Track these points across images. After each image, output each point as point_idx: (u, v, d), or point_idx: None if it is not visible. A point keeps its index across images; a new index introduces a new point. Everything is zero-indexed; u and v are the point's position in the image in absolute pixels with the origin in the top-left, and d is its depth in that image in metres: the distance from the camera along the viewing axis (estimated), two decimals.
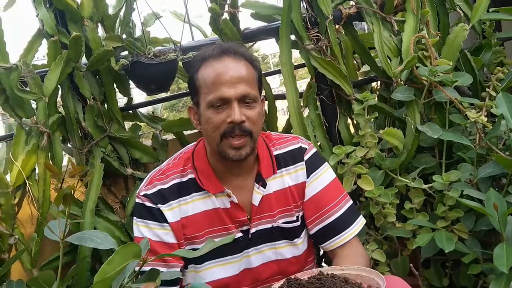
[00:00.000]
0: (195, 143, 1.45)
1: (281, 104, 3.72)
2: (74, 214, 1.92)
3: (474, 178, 1.65)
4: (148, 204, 1.34)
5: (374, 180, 1.69)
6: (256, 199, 1.37)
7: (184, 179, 1.37)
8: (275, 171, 1.40)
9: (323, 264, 1.91)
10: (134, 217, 1.38)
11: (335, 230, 1.39)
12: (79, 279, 1.86)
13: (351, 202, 1.45)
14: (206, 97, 1.28)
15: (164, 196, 1.35)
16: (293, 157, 1.43)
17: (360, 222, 1.43)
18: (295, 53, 1.94)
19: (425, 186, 1.69)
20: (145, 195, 1.35)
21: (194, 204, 1.35)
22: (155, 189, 1.35)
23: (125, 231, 2.01)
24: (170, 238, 1.33)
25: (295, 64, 1.94)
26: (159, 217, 1.33)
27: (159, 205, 1.34)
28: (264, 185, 1.38)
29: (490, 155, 1.69)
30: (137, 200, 1.38)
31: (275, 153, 1.43)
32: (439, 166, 1.76)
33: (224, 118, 1.26)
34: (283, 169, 1.41)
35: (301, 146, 1.45)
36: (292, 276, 1.10)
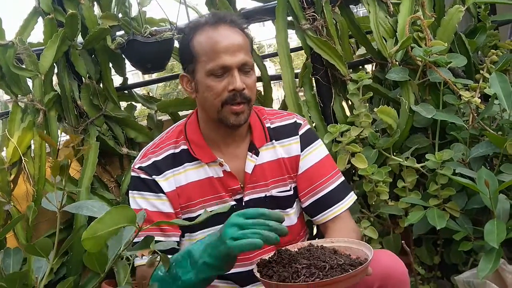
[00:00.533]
0: (186, 117, 1.46)
1: (275, 94, 3.73)
2: (70, 191, 1.93)
3: (466, 158, 1.67)
4: (143, 176, 1.35)
5: (367, 159, 1.71)
6: (249, 167, 1.38)
7: (177, 150, 1.38)
8: (267, 139, 1.41)
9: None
10: (130, 191, 1.39)
11: (327, 203, 1.41)
12: (74, 254, 1.88)
13: (343, 178, 1.46)
14: (205, 65, 1.28)
15: (158, 167, 1.35)
16: (287, 131, 1.44)
17: (352, 197, 1.45)
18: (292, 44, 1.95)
19: (417, 165, 1.70)
20: (139, 168, 1.36)
21: (187, 174, 1.36)
22: (149, 162, 1.36)
23: None
24: (167, 208, 1.34)
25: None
26: (155, 188, 1.34)
27: (154, 176, 1.34)
28: (257, 154, 1.39)
29: (483, 135, 1.71)
30: (133, 174, 1.39)
31: (267, 125, 1.44)
32: (432, 147, 1.78)
33: (225, 86, 1.27)
34: (275, 141, 1.42)
35: (296, 121, 1.47)
36: (283, 248, 1.11)
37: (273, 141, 1.42)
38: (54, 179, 1.03)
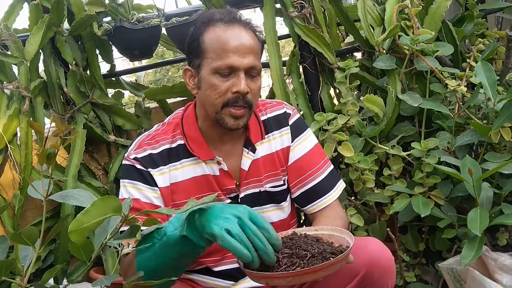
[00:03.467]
0: (183, 108, 1.42)
1: (266, 80, 3.71)
2: (56, 179, 1.93)
3: (451, 146, 1.69)
4: (138, 166, 1.31)
5: (354, 147, 1.72)
6: (246, 163, 1.37)
7: (174, 145, 1.34)
8: (263, 136, 1.40)
9: None
10: (122, 179, 1.34)
11: (316, 194, 1.41)
12: (62, 242, 1.88)
13: (332, 166, 1.47)
14: (212, 62, 1.24)
15: (154, 161, 1.32)
16: (278, 122, 1.43)
17: (340, 186, 1.46)
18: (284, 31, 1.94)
19: (403, 154, 1.72)
20: (135, 158, 1.32)
21: (184, 170, 1.34)
22: (145, 153, 1.32)
23: None
24: (159, 202, 1.31)
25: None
26: (150, 180, 1.31)
27: (149, 169, 1.31)
28: (253, 150, 1.38)
29: (469, 123, 1.73)
30: (126, 162, 1.34)
31: (262, 118, 1.43)
32: (419, 135, 1.79)
33: (229, 87, 1.24)
34: (270, 134, 1.42)
35: (285, 111, 1.46)
36: None
37: (268, 134, 1.41)
38: (41, 168, 1.03)
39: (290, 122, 1.44)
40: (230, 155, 1.37)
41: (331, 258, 0.95)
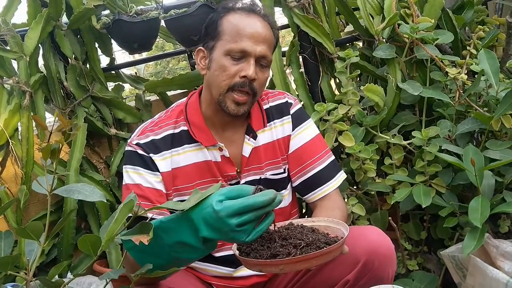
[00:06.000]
0: (187, 97, 1.45)
1: None
2: (59, 173, 1.93)
3: (452, 134, 1.69)
4: (140, 152, 1.33)
5: (355, 137, 1.72)
6: (247, 150, 1.39)
7: (177, 130, 1.37)
8: (265, 124, 1.42)
9: None
10: (124, 165, 1.36)
11: (316, 183, 1.42)
12: (65, 236, 1.89)
13: (333, 157, 1.47)
14: (226, 44, 1.28)
15: (156, 146, 1.34)
16: (279, 111, 1.46)
17: (341, 177, 1.46)
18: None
19: (404, 143, 1.72)
20: (137, 144, 1.34)
21: (186, 156, 1.36)
22: (147, 139, 1.34)
23: (110, 190, 2.03)
24: (161, 187, 1.33)
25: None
26: (151, 165, 1.33)
27: (151, 154, 1.33)
28: (254, 137, 1.40)
29: (469, 111, 1.72)
30: (128, 148, 1.36)
31: (265, 107, 1.45)
32: (419, 124, 1.79)
33: (238, 70, 1.27)
34: (272, 122, 1.44)
35: (287, 100, 1.48)
36: None
37: (270, 122, 1.43)
38: (45, 162, 1.03)
39: (292, 112, 1.46)
40: (232, 142, 1.39)
41: (325, 248, 0.96)
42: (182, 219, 0.95)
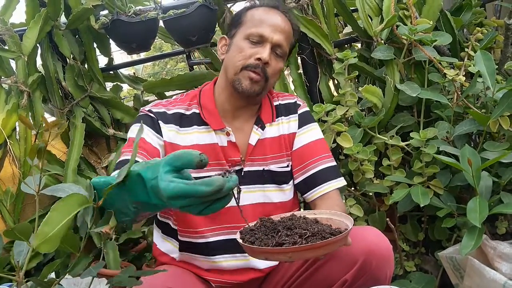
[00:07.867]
0: (203, 84, 1.52)
1: None
2: (56, 173, 1.93)
3: (450, 136, 1.69)
4: (151, 115, 1.39)
5: (353, 138, 1.72)
6: (254, 139, 1.43)
7: (188, 112, 1.42)
8: (273, 119, 1.47)
9: None
10: (132, 126, 1.41)
11: (317, 181, 1.44)
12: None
13: (335, 163, 1.49)
14: (246, 30, 1.38)
15: (167, 118, 1.40)
16: (288, 109, 1.51)
17: (342, 181, 1.47)
18: None
19: (402, 144, 1.72)
20: (149, 110, 1.40)
21: (194, 136, 1.40)
22: (160, 109, 1.41)
23: None
24: (160, 150, 1.36)
25: None
26: (158, 129, 1.38)
27: (160, 121, 1.39)
28: (262, 128, 1.44)
29: (467, 113, 1.73)
30: (140, 114, 1.43)
31: (275, 103, 1.50)
32: (417, 125, 1.79)
33: (254, 53, 1.36)
34: (279, 118, 1.49)
35: (296, 101, 1.53)
36: (266, 217, 1.13)
37: (278, 118, 1.48)
38: (32, 162, 1.03)
39: (299, 112, 1.51)
40: (240, 131, 1.43)
41: (330, 238, 0.96)
42: (138, 182, 0.85)
